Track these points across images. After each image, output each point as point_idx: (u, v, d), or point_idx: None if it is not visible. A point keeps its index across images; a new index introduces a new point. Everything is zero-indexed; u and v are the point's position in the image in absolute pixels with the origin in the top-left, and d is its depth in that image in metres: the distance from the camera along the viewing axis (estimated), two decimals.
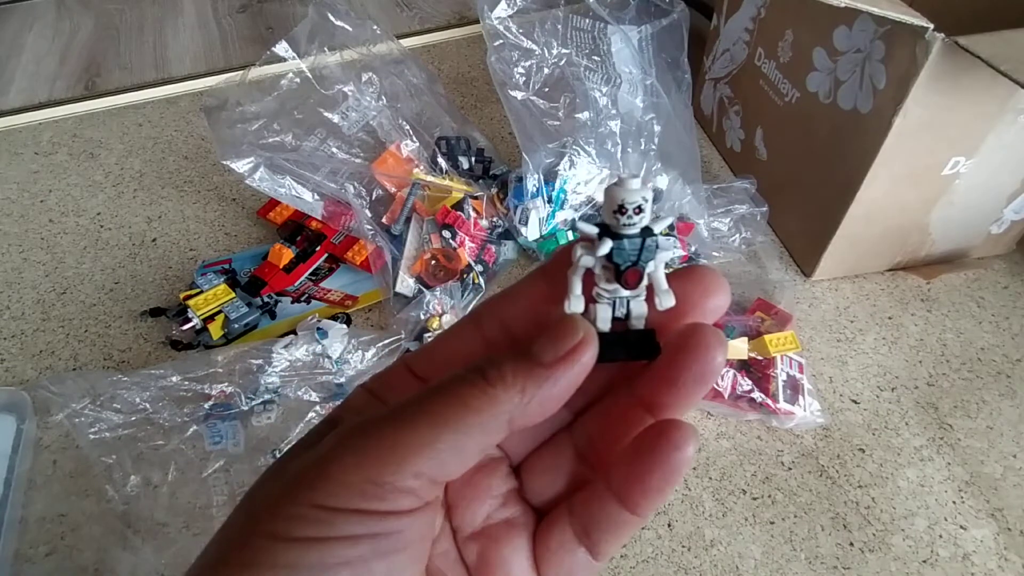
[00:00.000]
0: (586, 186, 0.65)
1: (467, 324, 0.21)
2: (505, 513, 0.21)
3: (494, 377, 0.17)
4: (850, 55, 0.55)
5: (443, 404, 0.17)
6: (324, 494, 0.16)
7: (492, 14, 0.61)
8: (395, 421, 0.17)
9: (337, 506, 0.16)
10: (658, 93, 0.65)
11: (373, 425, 0.17)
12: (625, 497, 0.19)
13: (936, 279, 0.66)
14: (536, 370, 0.17)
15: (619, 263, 0.18)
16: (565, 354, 0.18)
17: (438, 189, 0.67)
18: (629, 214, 0.18)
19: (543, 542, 0.20)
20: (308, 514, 0.16)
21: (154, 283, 0.67)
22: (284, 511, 0.16)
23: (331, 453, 0.17)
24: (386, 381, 0.21)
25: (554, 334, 0.18)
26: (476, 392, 0.17)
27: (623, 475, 0.19)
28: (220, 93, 0.65)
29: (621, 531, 0.19)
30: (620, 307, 0.19)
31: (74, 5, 1.15)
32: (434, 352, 0.21)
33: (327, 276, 0.66)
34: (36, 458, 0.54)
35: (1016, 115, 0.53)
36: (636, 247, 0.18)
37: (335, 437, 0.18)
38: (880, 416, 0.56)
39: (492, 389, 0.17)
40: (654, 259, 0.19)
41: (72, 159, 0.83)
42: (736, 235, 0.67)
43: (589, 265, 0.19)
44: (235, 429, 0.53)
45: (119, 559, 0.47)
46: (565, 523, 0.20)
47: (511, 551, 0.20)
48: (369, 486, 0.16)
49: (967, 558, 0.48)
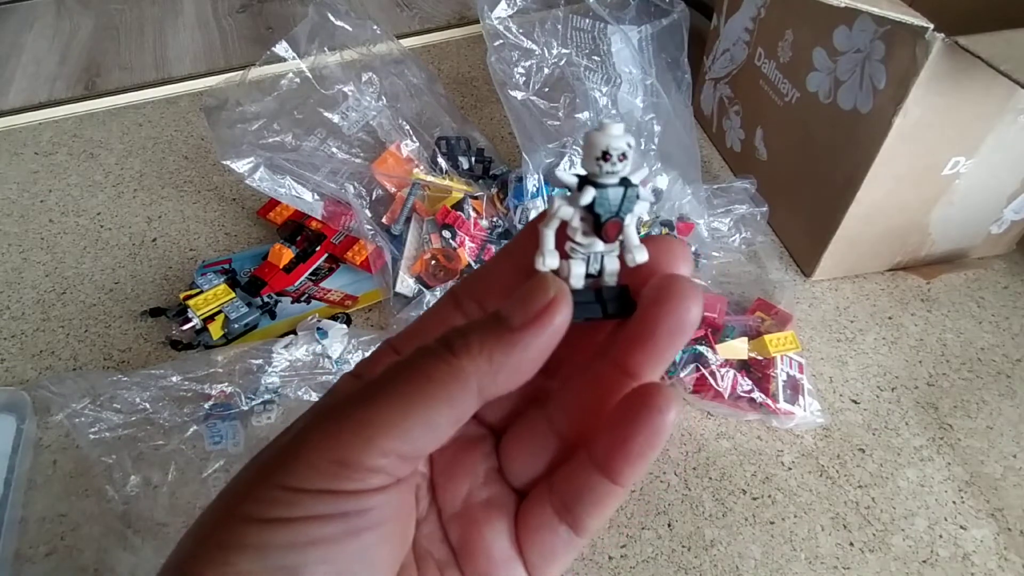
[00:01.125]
0: None
1: (447, 303, 0.21)
2: (485, 493, 0.20)
3: (459, 347, 0.17)
4: (850, 55, 0.55)
5: (408, 379, 0.17)
6: (292, 476, 0.16)
7: (492, 14, 0.61)
8: (362, 400, 0.17)
9: (305, 487, 0.16)
10: (658, 93, 0.65)
11: (342, 405, 0.17)
12: (606, 466, 0.18)
13: (936, 279, 0.66)
14: (505, 335, 0.17)
15: (600, 213, 0.18)
16: (536, 315, 0.17)
17: (438, 189, 0.67)
18: (613, 161, 0.17)
19: (524, 521, 0.20)
20: (278, 496, 0.16)
21: (154, 283, 0.67)
22: (255, 494, 0.17)
23: (300, 435, 0.17)
24: (370, 363, 0.21)
25: (524, 294, 0.17)
26: (440, 364, 0.17)
27: (604, 444, 0.18)
28: (220, 93, 0.65)
29: (603, 503, 0.19)
30: (594, 263, 0.18)
31: (74, 5, 1.15)
32: (416, 332, 0.21)
33: (327, 276, 0.66)
34: (36, 458, 0.54)
35: (1016, 115, 0.53)
36: (619, 197, 0.18)
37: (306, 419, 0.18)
38: (880, 416, 0.56)
39: (456, 360, 0.17)
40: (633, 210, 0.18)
41: (72, 159, 0.83)
42: (736, 235, 0.67)
43: (567, 217, 0.18)
44: (235, 429, 0.53)
45: (119, 559, 0.47)
46: (546, 501, 0.20)
47: (492, 533, 0.20)
48: (336, 466, 0.16)
49: (967, 558, 0.48)
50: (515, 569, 0.20)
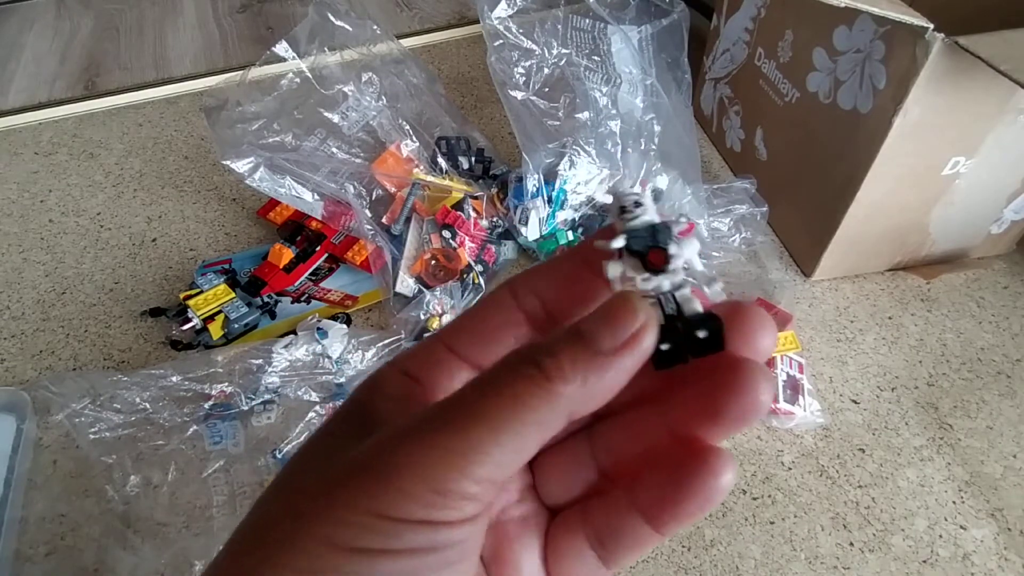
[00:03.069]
0: (586, 186, 0.65)
1: (504, 297, 0.20)
2: (521, 509, 0.20)
3: (552, 369, 0.16)
4: (850, 55, 0.55)
5: (501, 404, 0.16)
6: (386, 503, 0.15)
7: (492, 14, 0.61)
8: (451, 424, 0.16)
9: (402, 516, 0.15)
10: (658, 93, 0.65)
11: (429, 429, 0.16)
12: (653, 517, 0.18)
13: (936, 279, 0.66)
14: (597, 359, 0.16)
15: (638, 249, 0.18)
16: (628, 339, 0.16)
17: (438, 189, 0.67)
18: (629, 209, 0.19)
19: (555, 545, 0.20)
20: (372, 524, 0.15)
21: (154, 283, 0.67)
22: (342, 517, 0.16)
23: (388, 460, 0.16)
24: (423, 362, 0.19)
25: (612, 317, 0.16)
26: (534, 389, 0.16)
27: (654, 496, 0.18)
28: (220, 93, 0.65)
29: (640, 546, 0.19)
30: (667, 304, 0.18)
31: (74, 5, 1.15)
32: (474, 328, 0.20)
33: (327, 276, 0.66)
34: (36, 458, 0.54)
35: (1016, 115, 0.53)
36: (648, 231, 0.18)
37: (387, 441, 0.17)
38: (880, 416, 0.56)
39: (551, 384, 0.16)
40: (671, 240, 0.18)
41: (72, 159, 0.83)
42: (736, 235, 0.67)
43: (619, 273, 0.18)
44: (235, 429, 0.53)
45: (119, 559, 0.47)
46: (579, 530, 0.20)
47: (524, 550, 0.20)
48: (432, 495, 0.15)
49: (967, 558, 0.48)
50: None
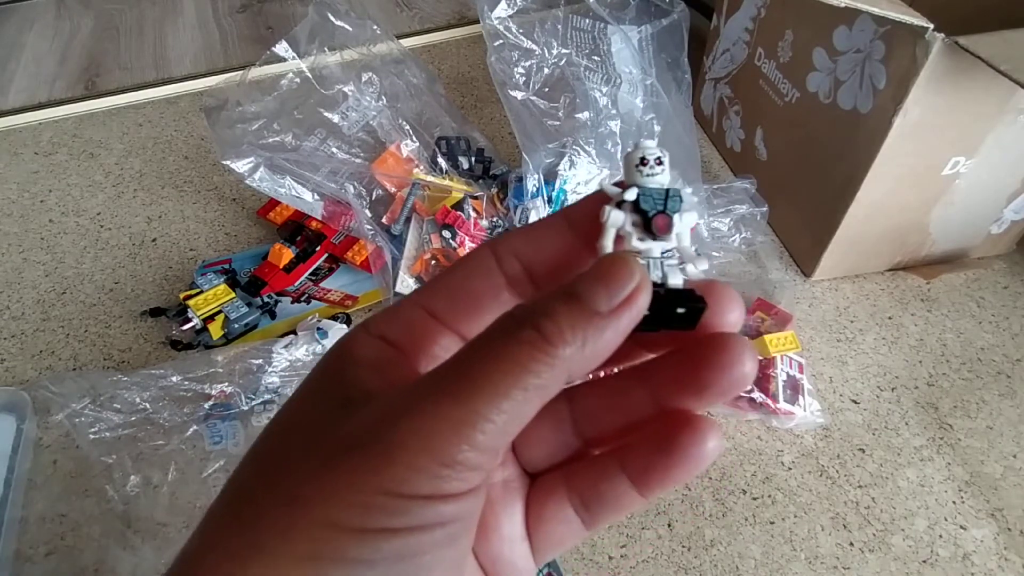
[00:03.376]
0: (586, 186, 0.65)
1: (485, 258, 0.19)
2: (503, 473, 0.20)
3: (551, 332, 0.15)
4: (850, 55, 0.55)
5: (503, 369, 0.15)
6: (395, 480, 0.15)
7: (492, 14, 0.61)
8: (453, 394, 0.15)
9: (410, 492, 0.15)
10: (658, 93, 0.65)
11: (430, 401, 0.16)
12: (640, 482, 0.19)
13: (936, 279, 0.66)
14: (594, 320, 0.16)
15: (647, 210, 0.18)
16: (624, 299, 0.16)
17: (438, 189, 0.67)
18: (651, 164, 0.19)
19: (537, 509, 0.20)
20: (379, 503, 0.15)
21: (154, 283, 0.67)
22: (346, 498, 0.15)
23: (392, 435, 0.15)
24: (403, 327, 0.19)
25: (608, 276, 0.16)
26: (535, 353, 0.15)
27: (642, 461, 0.19)
28: (220, 93, 0.65)
29: (625, 508, 0.19)
30: (655, 269, 0.18)
31: (74, 5, 1.15)
32: (454, 292, 0.19)
33: (327, 276, 0.66)
34: (36, 458, 0.54)
35: (1016, 115, 0.53)
36: (661, 195, 0.19)
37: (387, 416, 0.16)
38: (880, 416, 0.56)
39: (551, 347, 0.15)
40: (680, 210, 0.19)
41: (72, 159, 0.83)
42: (736, 235, 0.67)
43: (618, 224, 0.18)
44: (235, 429, 0.53)
45: (119, 559, 0.47)
46: (562, 494, 0.20)
47: (506, 515, 0.20)
48: (440, 468, 0.15)
49: (967, 558, 0.48)
50: (523, 548, 0.20)
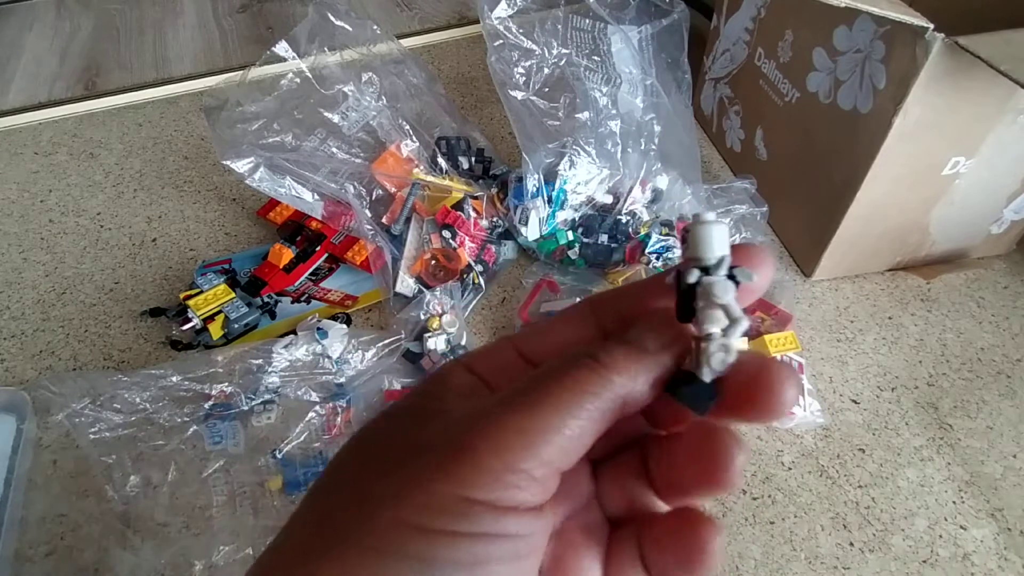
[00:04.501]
0: (586, 186, 0.65)
1: (582, 310, 0.21)
2: (585, 517, 0.20)
3: (607, 360, 0.17)
4: (850, 55, 0.55)
5: (562, 388, 0.17)
6: (462, 482, 0.16)
7: (492, 14, 0.61)
8: (518, 407, 0.17)
9: (475, 497, 0.16)
10: (658, 93, 0.65)
11: (499, 412, 0.17)
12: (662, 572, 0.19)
13: (936, 279, 0.66)
14: (644, 355, 0.18)
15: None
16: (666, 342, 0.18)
17: (438, 189, 0.67)
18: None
19: (613, 558, 0.20)
20: (444, 504, 0.15)
21: (154, 283, 0.67)
22: (413, 497, 0.16)
23: (464, 439, 0.16)
24: (491, 362, 0.20)
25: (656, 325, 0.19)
26: (592, 376, 0.17)
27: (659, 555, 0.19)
28: (220, 93, 0.65)
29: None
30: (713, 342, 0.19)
31: (74, 5, 1.15)
32: (546, 335, 0.21)
33: (327, 276, 0.66)
34: (36, 458, 0.54)
35: (1016, 115, 0.53)
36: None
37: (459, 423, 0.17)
38: (880, 416, 0.56)
39: (606, 371, 0.17)
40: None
41: (72, 159, 0.83)
42: (736, 235, 0.67)
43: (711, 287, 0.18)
44: (235, 429, 0.53)
45: (119, 559, 0.47)
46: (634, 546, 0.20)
47: (587, 559, 0.20)
48: (507, 474, 0.16)
49: (967, 558, 0.48)
50: None
